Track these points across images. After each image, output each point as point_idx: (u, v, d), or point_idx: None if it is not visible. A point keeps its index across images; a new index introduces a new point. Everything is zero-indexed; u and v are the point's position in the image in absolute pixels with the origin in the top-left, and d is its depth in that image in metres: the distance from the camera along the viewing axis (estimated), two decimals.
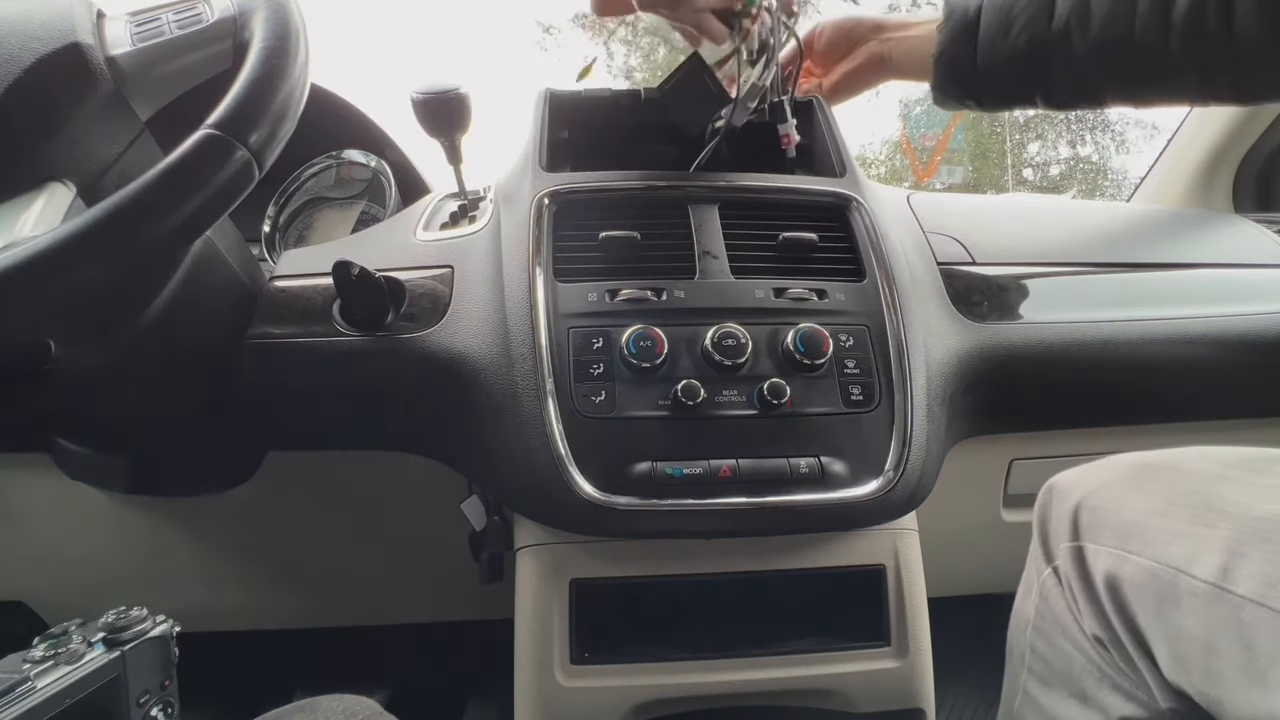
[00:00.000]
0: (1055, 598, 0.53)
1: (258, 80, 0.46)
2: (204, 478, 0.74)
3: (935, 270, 0.71)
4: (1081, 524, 0.51)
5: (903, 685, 0.62)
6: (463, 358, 0.60)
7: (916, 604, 0.62)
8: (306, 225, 0.85)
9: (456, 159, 0.72)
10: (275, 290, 0.65)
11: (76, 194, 0.48)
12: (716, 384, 0.57)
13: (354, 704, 0.45)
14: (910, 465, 0.57)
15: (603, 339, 0.58)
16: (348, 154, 0.86)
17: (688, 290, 0.61)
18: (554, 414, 0.56)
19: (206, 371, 0.62)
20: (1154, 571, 0.46)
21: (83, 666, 0.39)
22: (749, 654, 0.61)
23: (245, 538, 0.84)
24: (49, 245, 0.40)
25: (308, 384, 0.63)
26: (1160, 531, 0.47)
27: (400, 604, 0.96)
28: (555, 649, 0.59)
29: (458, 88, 0.66)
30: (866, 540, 0.63)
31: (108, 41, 0.51)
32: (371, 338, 0.62)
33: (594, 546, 0.61)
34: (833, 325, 0.60)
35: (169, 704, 0.44)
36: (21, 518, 0.79)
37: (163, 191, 0.42)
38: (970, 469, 0.76)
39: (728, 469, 0.55)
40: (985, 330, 0.67)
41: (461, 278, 0.65)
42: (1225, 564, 0.43)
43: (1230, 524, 0.44)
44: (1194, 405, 0.76)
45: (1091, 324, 0.69)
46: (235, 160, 0.44)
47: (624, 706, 0.60)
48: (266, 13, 0.49)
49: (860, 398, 0.58)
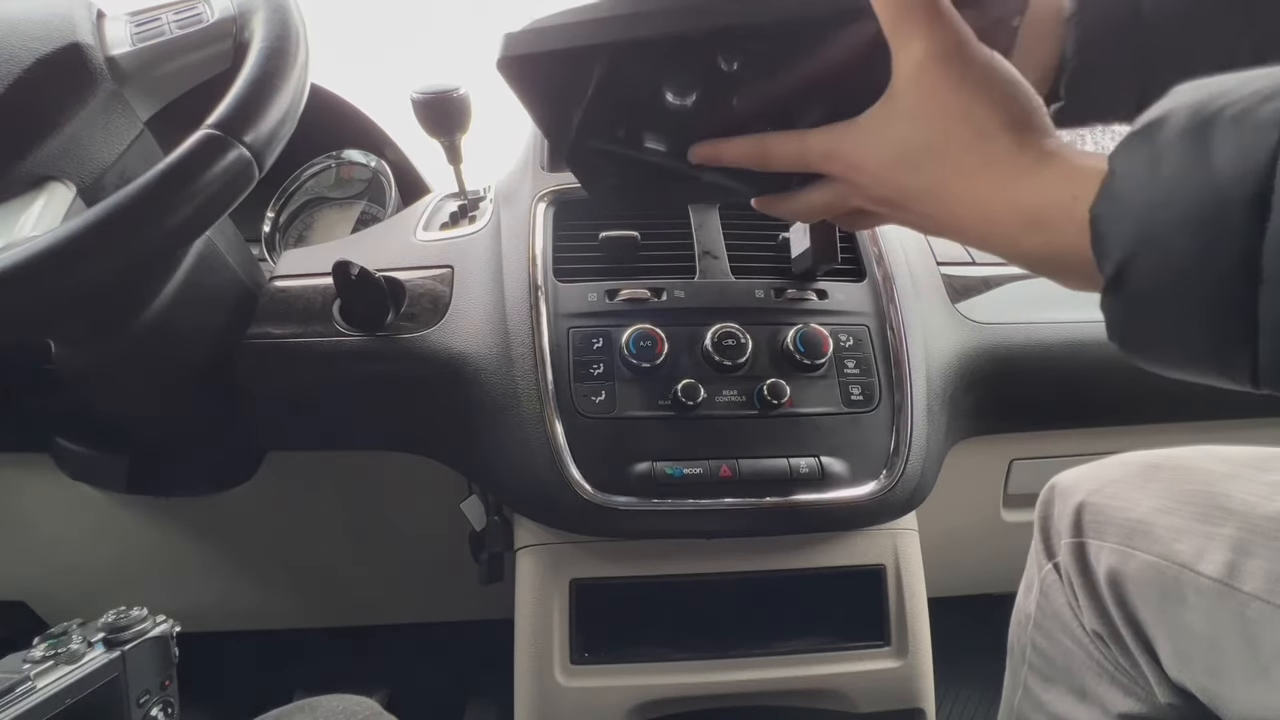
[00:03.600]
0: (1056, 594, 0.54)
1: (258, 80, 0.46)
2: (204, 478, 0.74)
3: (935, 270, 0.70)
4: (1084, 521, 0.52)
5: (903, 685, 0.62)
6: (463, 358, 0.60)
7: (916, 604, 0.62)
8: (306, 225, 0.85)
9: (456, 159, 0.72)
10: (275, 290, 0.65)
11: (76, 194, 0.48)
12: (716, 384, 0.57)
13: (354, 704, 0.45)
14: (910, 465, 0.57)
15: (603, 339, 0.58)
16: (348, 154, 0.86)
17: (688, 290, 0.61)
18: (554, 414, 0.56)
19: (206, 372, 0.62)
20: (1159, 568, 0.46)
21: (83, 666, 0.39)
22: (749, 654, 0.61)
23: (245, 538, 0.84)
24: (49, 245, 0.40)
25: (308, 384, 0.63)
26: (1167, 529, 0.47)
27: (400, 604, 0.96)
28: (555, 649, 0.59)
29: (458, 88, 0.66)
30: (866, 540, 0.63)
31: (108, 41, 0.51)
32: (371, 338, 0.62)
33: (594, 546, 0.61)
34: (833, 325, 0.60)
35: (169, 704, 0.44)
36: (21, 518, 0.79)
37: (163, 191, 0.42)
38: (970, 469, 0.76)
39: (728, 469, 0.55)
40: (985, 330, 0.67)
41: (461, 278, 0.65)
42: (1232, 561, 0.43)
43: (1237, 522, 0.44)
44: (1194, 405, 0.76)
45: (1091, 324, 0.69)
46: (235, 160, 0.43)
47: (624, 707, 0.60)
48: (266, 13, 0.49)
49: (860, 398, 0.58)
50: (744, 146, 0.41)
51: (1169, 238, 0.26)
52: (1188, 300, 0.27)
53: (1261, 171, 0.24)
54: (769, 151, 0.40)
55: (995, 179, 0.32)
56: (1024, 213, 0.32)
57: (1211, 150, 0.25)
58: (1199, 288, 0.26)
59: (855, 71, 0.36)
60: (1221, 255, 0.25)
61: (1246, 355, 0.26)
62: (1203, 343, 0.28)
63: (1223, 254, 0.25)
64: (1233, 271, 0.25)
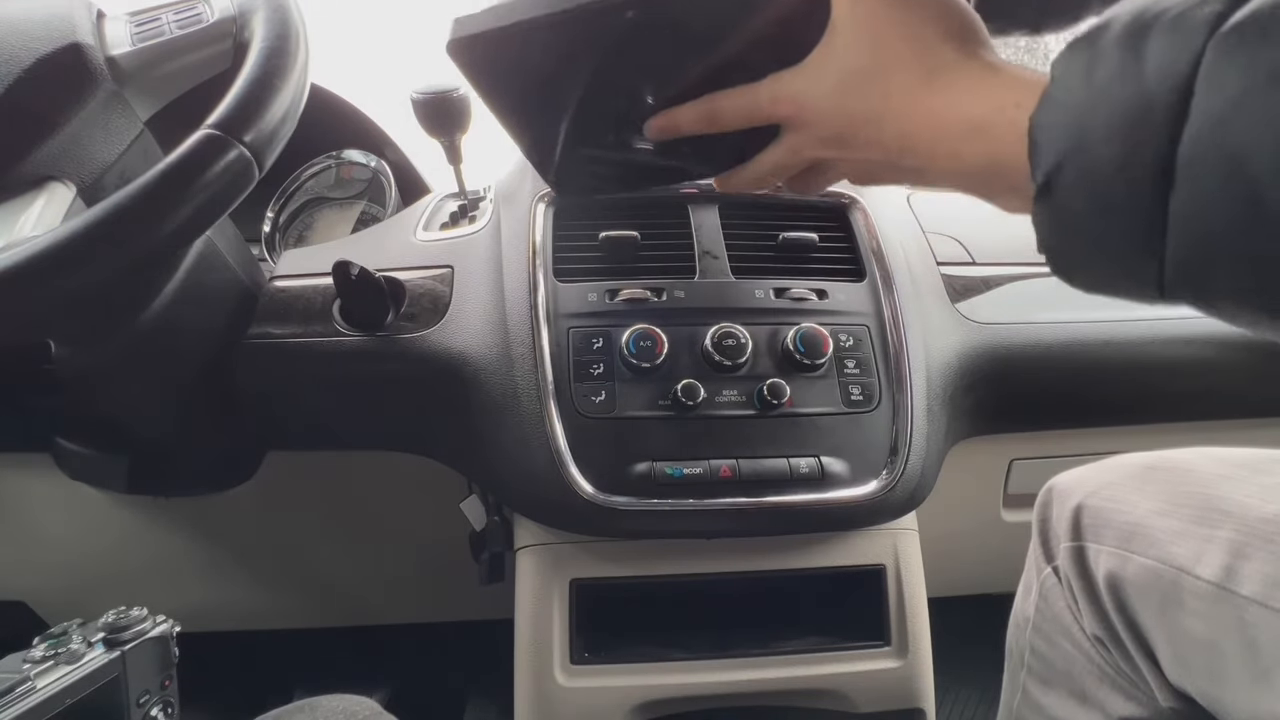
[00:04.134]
0: (1055, 597, 0.53)
1: (258, 80, 0.46)
2: (204, 478, 0.74)
3: (935, 270, 0.70)
4: (1083, 524, 0.51)
5: (903, 685, 0.62)
6: (463, 358, 0.60)
7: (916, 604, 0.62)
8: (306, 225, 0.85)
9: (456, 159, 0.72)
10: (275, 290, 0.65)
11: (76, 194, 0.48)
12: (716, 384, 0.57)
13: (354, 704, 0.45)
14: (910, 465, 0.57)
15: (603, 339, 0.58)
16: (348, 154, 0.86)
17: (688, 290, 0.61)
18: (554, 414, 0.56)
19: (206, 371, 0.62)
20: (1157, 572, 0.46)
21: (83, 666, 0.39)
22: (749, 654, 0.61)
23: (245, 538, 0.84)
24: (49, 245, 0.40)
25: (308, 384, 0.63)
26: (1164, 532, 0.47)
27: (400, 604, 0.96)
28: (555, 649, 0.59)
29: (458, 88, 0.66)
30: (866, 540, 0.63)
31: (108, 41, 0.51)
32: (371, 338, 0.62)
33: (594, 546, 0.61)
34: (833, 325, 0.60)
35: (169, 704, 0.44)
36: (21, 518, 0.79)
37: (163, 191, 0.42)
38: (970, 469, 0.76)
39: (728, 469, 0.55)
40: (985, 330, 0.67)
41: (461, 278, 0.65)
42: (1229, 565, 0.43)
43: (1234, 525, 0.44)
44: (1194, 405, 0.76)
45: (1091, 324, 0.69)
46: (235, 160, 0.43)
47: (624, 707, 0.60)
48: (266, 13, 0.49)
49: (860, 398, 0.58)
50: (696, 109, 0.42)
51: (1096, 143, 0.26)
52: (1106, 206, 0.26)
53: (1185, 74, 0.24)
54: (720, 109, 0.41)
55: (940, 90, 0.33)
56: (968, 121, 0.32)
57: (1145, 54, 0.25)
58: (1117, 193, 0.26)
59: (796, 22, 0.38)
60: (1140, 159, 0.25)
61: (1154, 264, 0.26)
62: (1117, 251, 0.27)
63: (1141, 158, 0.25)
64: (1148, 175, 0.25)
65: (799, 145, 0.40)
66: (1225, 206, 0.24)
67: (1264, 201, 0.23)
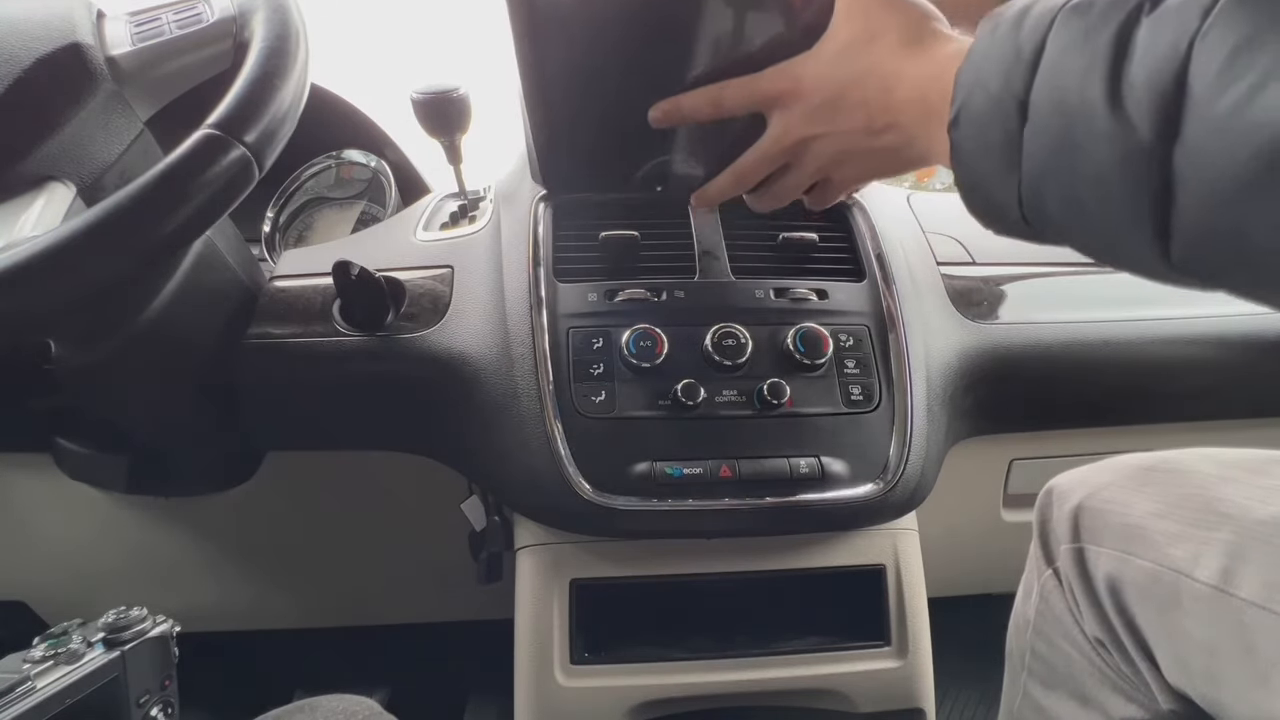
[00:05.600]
0: (1056, 599, 0.53)
1: (258, 80, 0.46)
2: (204, 478, 0.74)
3: (935, 270, 0.70)
4: (1082, 526, 0.51)
5: (903, 685, 0.62)
6: (463, 358, 0.60)
7: (916, 604, 0.62)
8: (306, 225, 0.85)
9: (456, 159, 0.72)
10: (275, 290, 0.65)
11: (76, 194, 0.48)
12: (716, 384, 0.57)
13: (354, 704, 0.45)
14: (910, 465, 0.57)
15: (603, 339, 0.58)
16: (348, 154, 0.86)
17: (688, 290, 0.61)
18: (554, 414, 0.56)
19: (206, 371, 0.62)
20: (1155, 574, 0.46)
21: (83, 666, 0.39)
22: (749, 654, 0.61)
23: (245, 538, 0.84)
24: (49, 245, 0.40)
25: (308, 384, 0.63)
26: (1162, 534, 0.47)
27: (400, 604, 0.96)
28: (555, 649, 0.59)
29: (458, 88, 0.66)
30: (866, 540, 0.63)
31: (108, 41, 0.51)
32: (371, 338, 0.62)
33: (594, 546, 0.61)
34: (833, 325, 0.60)
35: (169, 704, 0.44)
36: (21, 518, 0.79)
37: (163, 191, 0.42)
38: (970, 469, 0.76)
39: (728, 469, 0.55)
40: (985, 330, 0.67)
41: (461, 278, 0.65)
42: (1227, 567, 0.42)
43: (1232, 527, 0.44)
44: (1194, 405, 0.76)
45: (1091, 324, 0.69)
46: (235, 160, 0.43)
47: (623, 707, 0.60)
48: (266, 13, 0.49)
49: (860, 398, 0.58)
50: (701, 95, 0.47)
51: (986, 81, 0.33)
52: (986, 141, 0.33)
53: (1043, 33, 0.31)
54: (723, 96, 0.46)
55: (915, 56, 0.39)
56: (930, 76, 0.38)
57: (1025, 21, 0.32)
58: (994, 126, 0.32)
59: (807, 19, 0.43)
60: (1010, 93, 0.32)
61: (1015, 187, 0.33)
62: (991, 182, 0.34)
63: (1011, 92, 0.31)
64: (1013, 110, 0.31)
65: (787, 125, 0.45)
66: (1053, 137, 0.30)
67: (1075, 130, 0.29)
